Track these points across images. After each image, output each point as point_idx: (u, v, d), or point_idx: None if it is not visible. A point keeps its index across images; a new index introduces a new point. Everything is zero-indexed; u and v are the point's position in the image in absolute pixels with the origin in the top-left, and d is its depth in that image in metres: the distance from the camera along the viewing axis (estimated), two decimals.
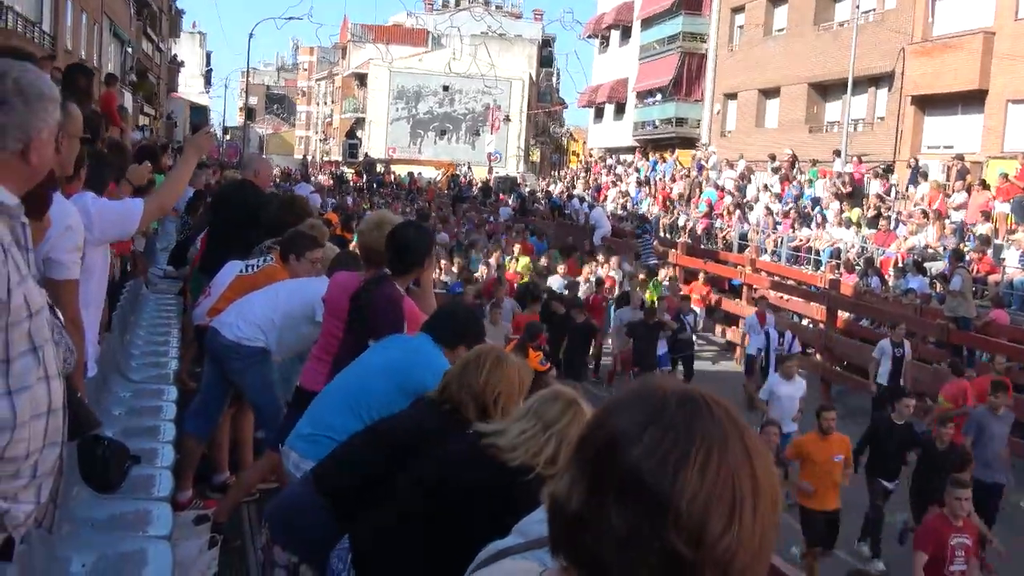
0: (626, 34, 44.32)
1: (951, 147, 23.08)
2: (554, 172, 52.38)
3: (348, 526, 3.13)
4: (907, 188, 21.99)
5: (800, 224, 22.24)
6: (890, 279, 17.88)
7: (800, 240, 21.56)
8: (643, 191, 31.66)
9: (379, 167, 50.39)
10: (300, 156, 75.98)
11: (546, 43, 70.96)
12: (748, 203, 25.10)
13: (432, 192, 40.35)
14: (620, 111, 44.23)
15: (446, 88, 62.23)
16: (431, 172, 49.72)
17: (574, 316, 13.80)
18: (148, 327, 8.70)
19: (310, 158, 71.30)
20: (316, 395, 4.11)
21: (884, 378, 12.92)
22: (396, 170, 50.17)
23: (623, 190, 33.02)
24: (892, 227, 19.83)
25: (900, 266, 17.88)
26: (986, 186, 19.37)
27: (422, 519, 2.94)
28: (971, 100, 22.98)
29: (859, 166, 23.54)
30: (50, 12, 22.81)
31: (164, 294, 10.36)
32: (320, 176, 47.78)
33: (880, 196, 21.56)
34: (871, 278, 17.95)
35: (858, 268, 18.65)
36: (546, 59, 70.33)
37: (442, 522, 2.89)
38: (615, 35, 45.79)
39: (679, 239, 24.10)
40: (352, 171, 50.22)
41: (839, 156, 24.63)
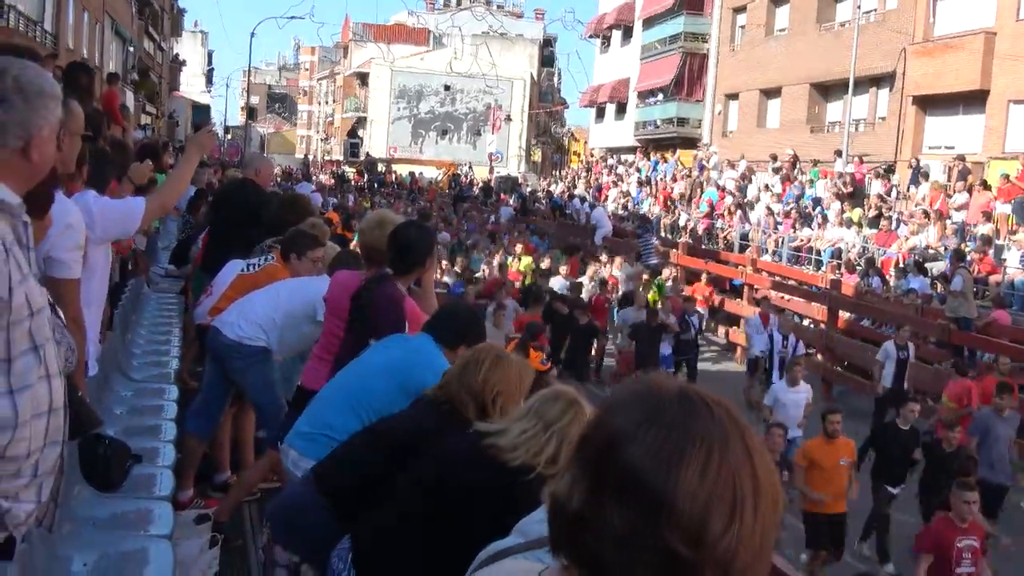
0: (627, 34, 44.30)
1: (952, 147, 23.07)
2: (555, 172, 52.39)
3: (349, 526, 3.12)
4: (908, 188, 21.98)
5: (801, 224, 22.22)
6: (891, 279, 17.87)
7: (801, 240, 21.54)
8: (644, 191, 31.64)
9: (380, 166, 50.39)
10: (301, 155, 76.02)
11: (547, 43, 70.92)
12: (749, 203, 25.07)
13: (433, 192, 40.34)
14: (621, 111, 44.22)
15: (447, 88, 62.26)
16: (432, 172, 49.72)
17: (577, 317, 13.80)
18: (150, 326, 8.70)
19: (311, 157, 71.33)
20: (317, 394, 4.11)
21: (888, 380, 12.86)
22: (397, 169, 50.19)
23: (624, 190, 32.99)
24: (893, 227, 19.82)
25: (901, 266, 17.88)
26: (987, 186, 19.36)
27: (421, 519, 2.94)
28: (972, 100, 22.97)
29: (860, 166, 23.52)
30: (52, 11, 22.78)
31: (165, 293, 10.35)
32: (321, 175, 47.83)
33: (881, 196, 21.54)
34: (872, 278, 17.94)
35: (859, 268, 18.64)
36: (547, 59, 70.30)
37: (442, 522, 2.89)
38: (616, 35, 45.77)
39: (680, 239, 24.10)
40: (353, 170, 50.22)
41: (840, 156, 24.61)
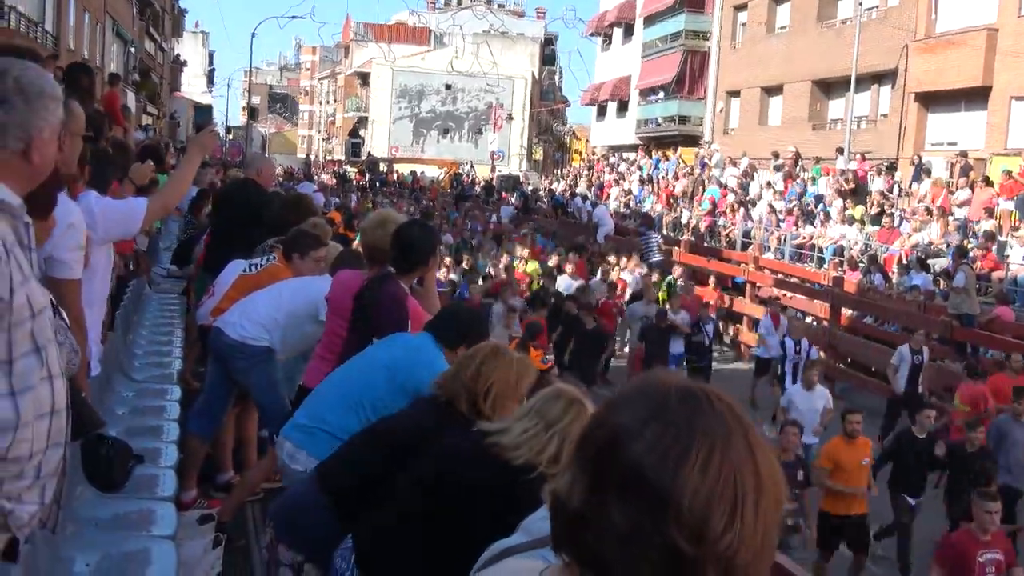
0: (628, 32, 44.27)
1: (955, 144, 23.04)
2: (557, 170, 52.33)
3: (350, 526, 3.12)
4: (910, 185, 21.94)
5: (803, 222, 22.20)
6: (894, 276, 17.85)
7: (803, 237, 21.52)
8: (646, 189, 31.60)
9: (382, 166, 50.43)
10: (303, 155, 76.04)
11: (548, 41, 70.90)
12: (751, 201, 25.05)
13: (435, 191, 40.33)
14: (623, 109, 44.21)
15: (449, 87, 62.29)
16: (434, 171, 49.72)
17: (584, 321, 13.70)
18: (151, 327, 8.71)
19: (313, 157, 71.38)
20: None
21: (902, 384, 12.61)
22: (399, 169, 50.21)
23: (626, 188, 32.98)
24: (896, 224, 19.80)
25: (904, 263, 17.86)
26: (989, 183, 19.33)
27: (421, 518, 2.93)
28: (974, 97, 22.94)
29: (862, 163, 23.50)
30: (52, 12, 22.79)
31: (167, 294, 10.35)
32: (323, 175, 47.86)
33: (883, 193, 21.52)
34: (875, 275, 17.93)
35: (862, 265, 18.62)
36: (549, 57, 70.29)
37: (442, 521, 2.88)
38: (617, 33, 45.75)
39: (682, 237, 24.09)
40: (355, 170, 50.23)
41: (842, 153, 24.60)
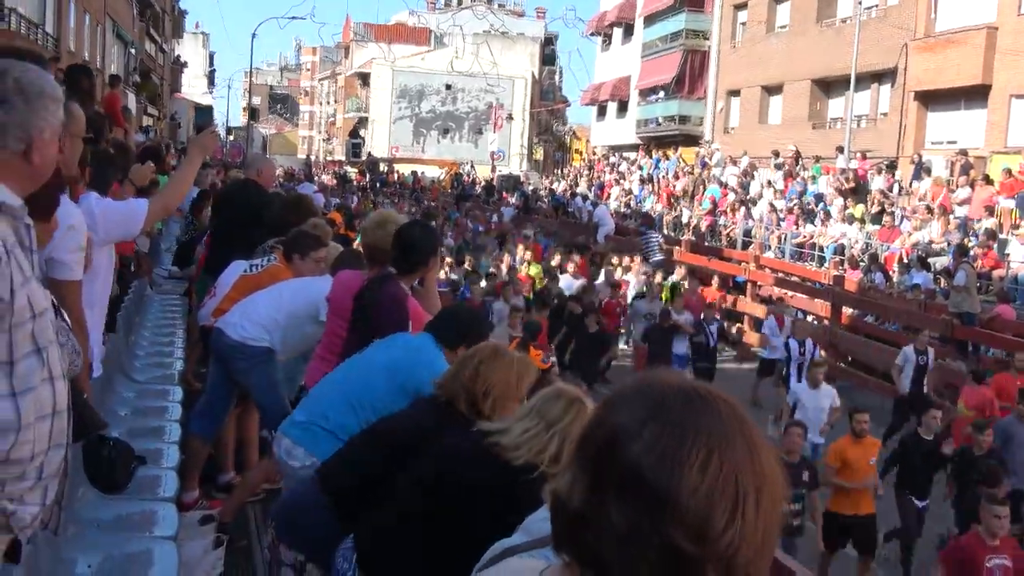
0: (628, 31, 44.25)
1: (954, 142, 23.03)
2: (557, 170, 52.29)
3: (350, 526, 3.13)
4: (911, 184, 21.93)
5: (804, 220, 22.21)
6: (894, 275, 17.86)
7: (804, 236, 21.53)
8: (646, 189, 31.61)
9: (382, 166, 50.40)
10: (303, 156, 76.03)
11: (548, 41, 70.84)
12: (752, 200, 25.06)
13: (436, 191, 40.32)
14: (623, 109, 44.19)
15: (449, 87, 62.26)
16: (434, 171, 49.72)
17: (587, 324, 13.64)
18: (153, 328, 8.72)
19: (313, 158, 71.30)
20: None
21: (906, 385, 12.55)
22: (399, 169, 50.19)
23: (626, 188, 32.98)
24: (896, 223, 19.80)
25: (904, 262, 17.86)
26: (990, 181, 19.32)
27: (421, 518, 2.93)
28: (974, 95, 22.93)
29: (863, 162, 23.50)
30: (53, 14, 22.78)
31: (169, 295, 10.35)
32: (324, 176, 47.84)
33: (884, 192, 21.51)
34: (875, 274, 17.93)
35: (862, 264, 18.62)
36: (549, 57, 70.22)
37: (442, 521, 2.88)
38: (617, 32, 45.73)
39: (683, 236, 24.09)
40: (355, 170, 50.21)
41: (842, 152, 24.59)
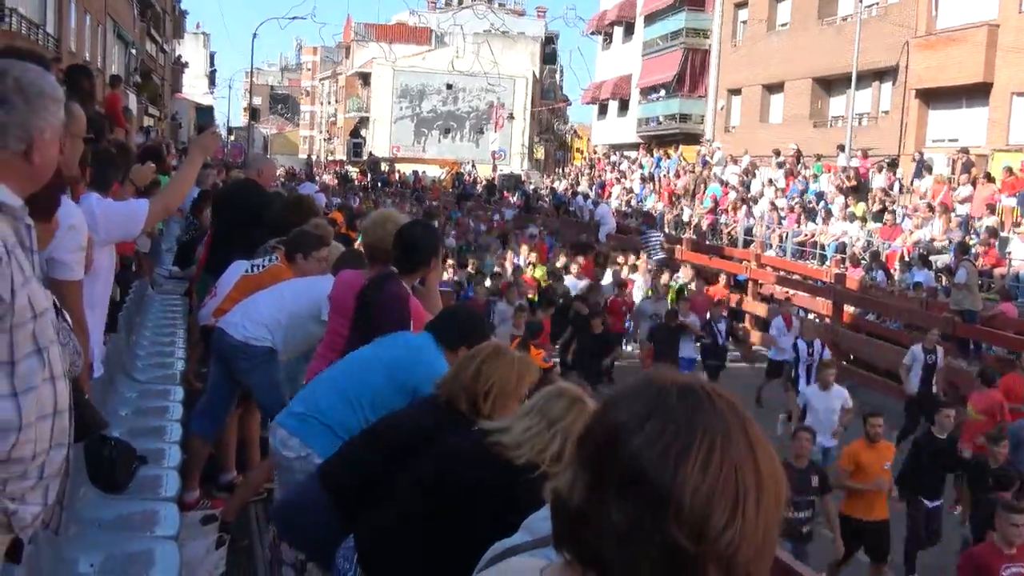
0: (629, 30, 44.24)
1: (956, 140, 23.01)
2: (558, 169, 52.31)
3: (351, 525, 3.12)
4: (912, 182, 21.94)
5: (805, 219, 22.20)
6: (896, 273, 17.85)
7: (805, 235, 21.52)
8: (647, 187, 31.61)
9: (383, 166, 50.39)
10: (304, 156, 76.02)
11: (549, 40, 70.79)
12: (753, 198, 25.06)
13: (437, 190, 40.31)
14: (624, 108, 44.17)
15: (450, 86, 62.26)
16: (436, 170, 49.72)
17: (592, 325, 13.58)
18: (154, 328, 8.72)
19: (314, 157, 71.31)
20: None
21: (915, 384, 12.44)
22: (401, 169, 50.18)
23: (627, 186, 32.97)
24: (897, 221, 19.79)
25: (906, 260, 17.85)
26: (991, 179, 19.31)
27: (421, 519, 2.93)
28: (976, 93, 22.91)
29: (864, 160, 23.48)
30: (54, 14, 22.78)
31: (170, 295, 10.35)
32: (325, 175, 47.83)
33: (885, 190, 21.51)
34: (876, 272, 17.92)
35: (863, 262, 18.61)
36: (549, 56, 70.17)
37: (442, 521, 2.88)
38: (618, 31, 45.72)
39: (684, 235, 24.08)
40: (356, 170, 50.22)
41: (843, 150, 24.58)
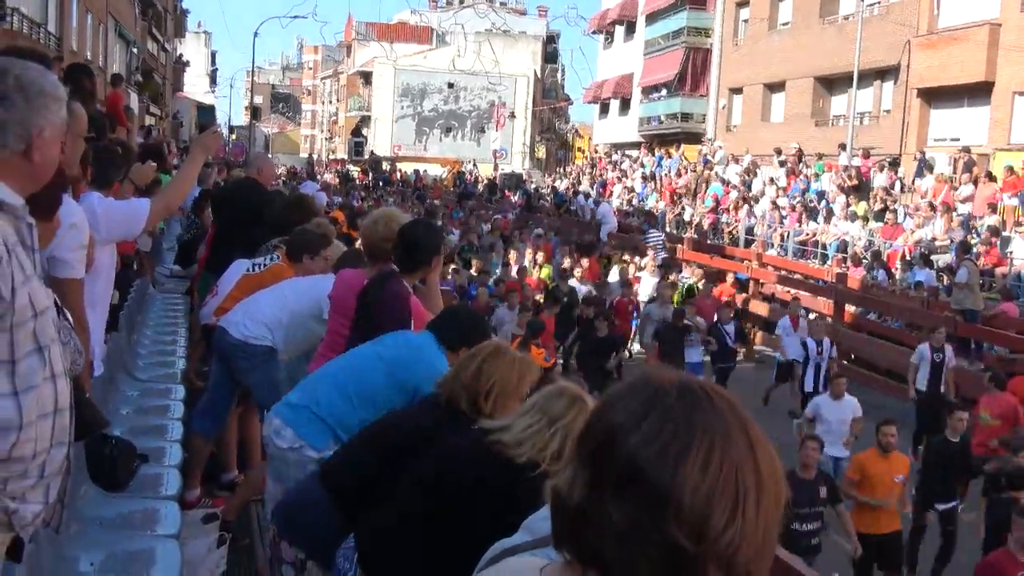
0: (630, 29, 44.23)
1: (957, 139, 23.00)
2: (560, 168, 52.29)
3: (352, 526, 3.12)
4: (913, 181, 21.93)
5: (807, 218, 22.19)
6: (897, 272, 17.84)
7: (807, 234, 21.51)
8: (649, 186, 31.60)
9: (385, 165, 50.38)
10: (306, 155, 76.00)
11: (550, 39, 70.82)
12: (754, 197, 25.05)
13: (438, 189, 40.30)
14: (625, 107, 44.16)
15: (451, 85, 62.25)
16: (437, 169, 49.72)
17: (597, 327, 13.53)
18: (155, 326, 8.72)
19: (316, 156, 71.30)
20: None
21: (921, 384, 12.33)
22: (402, 168, 50.17)
23: (629, 186, 32.96)
24: (899, 220, 19.78)
25: (907, 259, 17.84)
26: (992, 178, 19.31)
27: (421, 518, 2.93)
28: (977, 92, 22.89)
29: (865, 160, 23.47)
30: (55, 13, 22.78)
31: (171, 293, 10.35)
32: (326, 174, 47.81)
33: (886, 189, 21.50)
34: (878, 271, 17.91)
35: (865, 261, 18.61)
36: (551, 55, 70.17)
37: (442, 521, 2.88)
38: (619, 30, 45.72)
39: (686, 234, 24.08)
40: (358, 169, 50.22)
41: (845, 150, 24.56)
